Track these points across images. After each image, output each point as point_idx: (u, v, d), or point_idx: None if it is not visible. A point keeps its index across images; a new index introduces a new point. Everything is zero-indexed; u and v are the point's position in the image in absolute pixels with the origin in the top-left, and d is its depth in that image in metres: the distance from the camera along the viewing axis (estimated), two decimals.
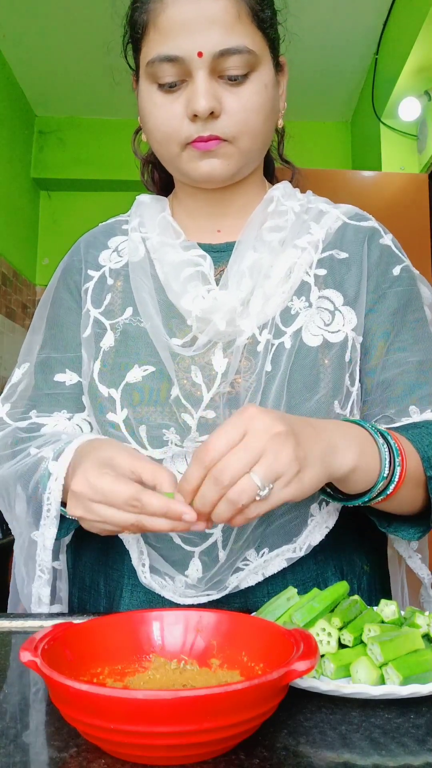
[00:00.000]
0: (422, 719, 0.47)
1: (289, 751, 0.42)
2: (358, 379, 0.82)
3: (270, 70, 0.79)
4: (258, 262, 0.80)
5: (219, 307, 0.78)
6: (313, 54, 3.37)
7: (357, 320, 0.82)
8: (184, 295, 0.80)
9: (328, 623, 0.57)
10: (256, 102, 0.76)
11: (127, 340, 0.83)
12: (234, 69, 0.74)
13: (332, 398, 0.78)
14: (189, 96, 0.74)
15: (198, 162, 0.78)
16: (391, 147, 3.29)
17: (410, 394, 0.81)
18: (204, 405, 0.77)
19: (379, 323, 0.83)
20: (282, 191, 0.87)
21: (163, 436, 0.77)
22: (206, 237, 0.87)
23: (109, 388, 0.80)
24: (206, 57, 0.73)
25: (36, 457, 0.77)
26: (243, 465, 0.56)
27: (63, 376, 0.87)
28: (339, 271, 0.84)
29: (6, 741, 0.44)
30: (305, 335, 0.80)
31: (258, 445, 0.57)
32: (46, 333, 0.90)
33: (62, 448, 0.73)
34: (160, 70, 0.74)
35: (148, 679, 0.51)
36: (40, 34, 3.26)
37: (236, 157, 0.78)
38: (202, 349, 0.78)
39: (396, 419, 0.81)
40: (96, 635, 0.53)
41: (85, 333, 0.85)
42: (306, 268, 0.83)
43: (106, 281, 0.87)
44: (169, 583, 0.77)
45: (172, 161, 0.80)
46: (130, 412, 0.79)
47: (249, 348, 0.79)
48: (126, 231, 0.91)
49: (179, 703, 0.38)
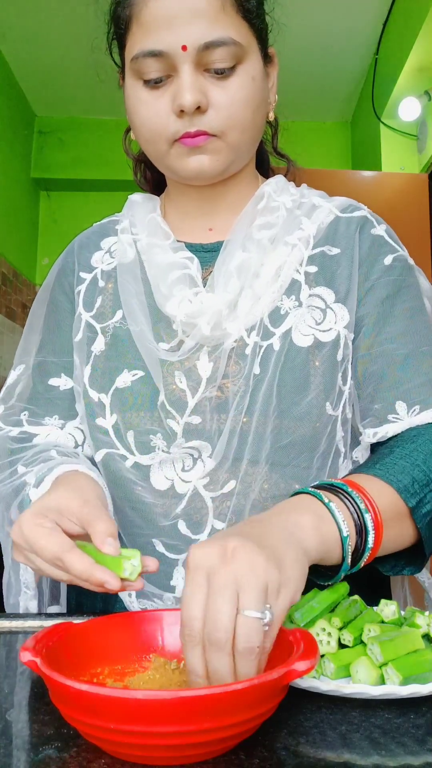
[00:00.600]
0: (422, 719, 0.47)
1: (289, 751, 0.42)
2: (350, 377, 0.80)
3: (258, 62, 0.77)
4: (247, 261, 0.78)
5: (204, 310, 0.76)
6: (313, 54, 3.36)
7: (349, 317, 0.80)
8: (170, 298, 0.78)
9: (328, 623, 0.57)
10: (243, 95, 0.74)
11: (117, 344, 0.82)
12: (220, 62, 0.72)
13: (324, 399, 0.77)
14: (175, 91, 0.73)
15: (186, 159, 0.76)
16: (391, 147, 3.29)
17: (396, 387, 0.78)
18: (189, 410, 0.76)
19: (368, 313, 0.80)
20: (274, 186, 0.85)
21: (150, 441, 0.77)
22: (198, 236, 0.85)
23: (99, 393, 0.80)
24: (191, 50, 0.71)
25: (20, 481, 0.77)
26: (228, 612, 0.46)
27: (57, 381, 0.86)
28: (330, 268, 0.82)
29: (6, 741, 0.44)
30: (295, 335, 0.78)
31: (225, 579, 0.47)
32: (44, 336, 0.89)
33: (43, 475, 0.73)
34: (144, 65, 0.73)
35: (148, 679, 0.51)
36: (40, 34, 3.26)
37: (225, 152, 0.76)
38: (188, 353, 0.77)
39: (381, 420, 0.78)
40: (96, 635, 0.53)
41: (77, 337, 0.85)
42: (296, 265, 0.81)
43: (98, 283, 0.87)
44: (157, 603, 0.76)
45: (160, 159, 0.79)
46: (119, 418, 0.78)
47: (237, 351, 0.77)
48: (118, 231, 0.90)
49: (179, 703, 0.38)
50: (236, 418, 0.75)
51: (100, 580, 0.54)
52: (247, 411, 0.76)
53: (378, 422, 0.78)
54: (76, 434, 0.85)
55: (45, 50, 3.40)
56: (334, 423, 0.78)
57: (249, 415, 0.76)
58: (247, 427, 0.75)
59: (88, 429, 0.81)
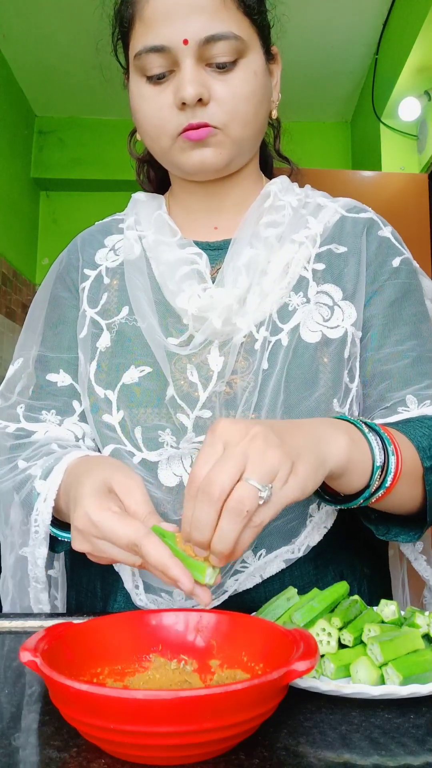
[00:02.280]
0: (422, 719, 0.47)
1: (289, 751, 0.42)
2: (357, 375, 0.81)
3: (260, 58, 0.78)
4: (255, 258, 0.79)
5: (215, 305, 0.77)
6: (313, 54, 3.37)
7: (356, 315, 0.81)
8: (179, 293, 0.79)
9: (328, 623, 0.57)
10: (245, 89, 0.75)
11: (123, 340, 0.82)
12: (221, 56, 0.73)
13: (332, 396, 0.77)
14: (177, 85, 0.73)
15: (190, 152, 0.77)
16: (391, 147, 3.29)
17: (406, 387, 0.79)
18: (200, 404, 0.76)
19: (376, 315, 0.82)
20: (279, 186, 0.86)
21: (158, 437, 0.77)
22: (203, 234, 0.86)
23: (106, 389, 0.80)
24: (192, 44, 0.72)
25: (22, 476, 0.76)
26: (230, 474, 0.51)
27: (56, 377, 0.86)
28: (337, 266, 0.83)
29: (6, 741, 0.44)
30: (303, 332, 0.79)
31: (239, 450, 0.52)
32: (44, 332, 0.89)
33: (51, 465, 0.72)
34: (147, 61, 0.74)
35: (148, 679, 0.51)
36: (40, 34, 3.26)
37: (228, 145, 0.77)
38: (198, 347, 0.78)
39: (392, 411, 0.79)
40: (96, 635, 0.52)
41: (82, 333, 0.85)
42: (304, 263, 0.82)
43: (103, 280, 0.87)
44: (165, 599, 0.76)
45: (164, 154, 0.79)
46: (126, 414, 0.78)
47: (246, 346, 0.78)
48: (122, 229, 0.90)
49: (179, 703, 0.38)
50: (245, 414, 0.76)
51: (175, 577, 0.53)
52: (256, 407, 0.76)
53: (388, 413, 0.79)
54: (75, 429, 0.85)
55: (45, 50, 3.40)
56: None
57: (257, 411, 0.76)
58: None
59: (94, 426, 0.81)
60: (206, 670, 0.52)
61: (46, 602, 0.78)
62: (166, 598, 0.76)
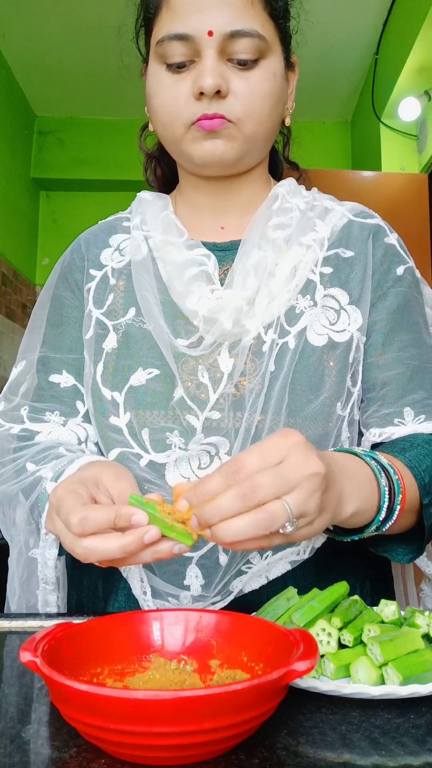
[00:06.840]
0: (422, 719, 0.47)
1: (289, 751, 0.42)
2: (359, 379, 0.81)
3: (280, 62, 0.78)
4: (263, 260, 0.79)
5: (225, 306, 0.77)
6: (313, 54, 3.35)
7: (362, 320, 0.81)
8: (188, 295, 0.79)
9: (328, 623, 0.57)
10: (264, 88, 0.76)
11: (130, 341, 0.82)
12: (244, 53, 0.74)
13: (335, 400, 0.78)
14: (196, 75, 0.74)
15: (201, 142, 0.77)
16: (391, 147, 3.29)
17: (404, 396, 0.80)
18: (210, 406, 0.76)
19: (378, 321, 0.82)
20: (287, 188, 0.86)
21: (166, 439, 0.76)
22: (210, 235, 0.86)
23: (113, 391, 0.80)
24: (216, 36, 0.73)
25: (32, 478, 0.76)
26: (276, 490, 0.51)
27: (59, 378, 0.86)
28: (344, 270, 0.83)
29: (6, 741, 0.44)
30: (310, 335, 0.79)
31: (294, 476, 0.52)
32: (47, 332, 0.89)
33: (63, 468, 0.72)
34: (169, 48, 0.75)
35: (148, 679, 0.51)
36: (40, 34, 3.26)
37: (240, 140, 0.77)
38: (209, 349, 0.78)
39: (387, 422, 0.79)
40: (96, 635, 0.52)
41: (87, 334, 0.84)
42: (311, 266, 0.82)
43: (109, 281, 0.86)
44: (173, 603, 0.76)
45: (176, 143, 0.79)
46: (133, 416, 0.78)
47: (254, 348, 0.78)
48: (127, 228, 0.90)
49: (179, 703, 0.38)
50: (252, 417, 0.76)
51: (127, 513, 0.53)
52: (263, 409, 0.76)
53: (384, 423, 0.80)
54: (78, 431, 0.85)
55: (45, 50, 3.39)
56: (341, 423, 0.79)
57: (264, 413, 0.76)
58: (262, 425, 0.76)
59: (98, 428, 0.81)
60: (206, 670, 0.52)
61: (54, 604, 0.77)
62: (173, 603, 0.76)
